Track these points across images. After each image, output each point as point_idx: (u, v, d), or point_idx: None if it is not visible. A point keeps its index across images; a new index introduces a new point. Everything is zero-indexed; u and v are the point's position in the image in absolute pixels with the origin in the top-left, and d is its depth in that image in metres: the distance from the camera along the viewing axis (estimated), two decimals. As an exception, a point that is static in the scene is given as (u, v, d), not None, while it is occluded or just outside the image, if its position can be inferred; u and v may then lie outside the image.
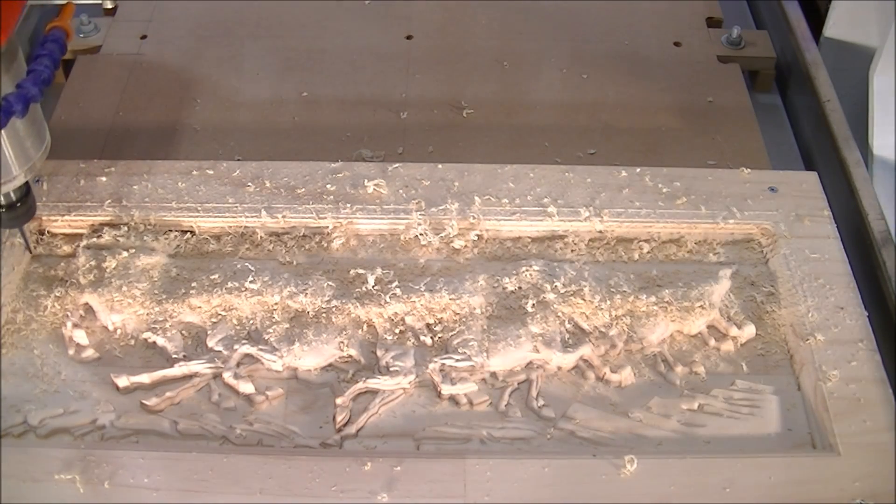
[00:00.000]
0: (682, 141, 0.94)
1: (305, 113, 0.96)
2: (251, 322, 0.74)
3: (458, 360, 0.71)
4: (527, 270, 0.77)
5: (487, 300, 0.75)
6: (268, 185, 0.82)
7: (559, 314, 0.74)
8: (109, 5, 0.73)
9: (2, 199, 0.70)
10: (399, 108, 0.97)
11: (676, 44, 1.05)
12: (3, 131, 0.63)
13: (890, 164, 0.93)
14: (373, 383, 0.70)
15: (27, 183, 0.70)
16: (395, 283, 0.75)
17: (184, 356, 0.72)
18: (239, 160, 0.88)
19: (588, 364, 0.72)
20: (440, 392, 0.70)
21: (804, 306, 0.74)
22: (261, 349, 0.72)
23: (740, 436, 0.68)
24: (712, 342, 0.74)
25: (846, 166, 0.87)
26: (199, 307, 0.74)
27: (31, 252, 0.77)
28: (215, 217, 0.80)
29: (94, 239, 0.79)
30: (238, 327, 0.74)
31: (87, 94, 0.96)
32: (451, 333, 0.73)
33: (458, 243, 0.80)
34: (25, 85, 0.62)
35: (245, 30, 1.07)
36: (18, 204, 0.71)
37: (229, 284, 0.75)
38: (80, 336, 0.73)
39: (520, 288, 0.76)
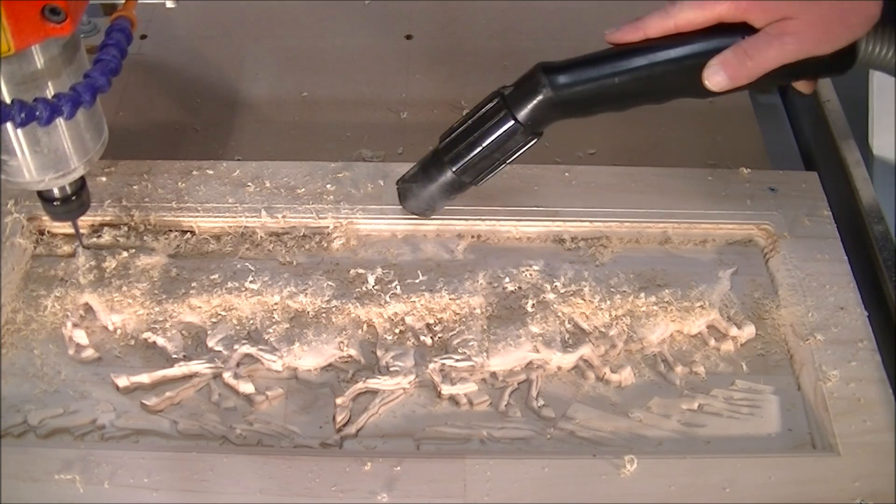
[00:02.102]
0: (682, 141, 0.94)
1: (305, 113, 0.96)
2: (251, 322, 0.74)
3: (458, 360, 0.71)
4: (527, 270, 0.77)
5: (487, 300, 0.75)
6: (268, 185, 0.82)
7: (559, 314, 0.74)
8: (170, 5, 0.73)
9: (56, 191, 0.70)
10: (399, 108, 0.97)
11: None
12: (63, 122, 0.63)
13: (890, 164, 0.93)
14: (373, 383, 0.70)
15: (83, 177, 0.70)
16: (395, 283, 0.75)
17: (184, 356, 0.72)
18: (239, 160, 0.88)
19: (588, 364, 0.72)
20: (440, 392, 0.70)
21: (804, 306, 0.74)
22: (261, 349, 0.72)
23: (740, 436, 0.68)
24: (712, 342, 0.74)
25: (846, 166, 0.87)
26: (199, 307, 0.74)
27: (83, 246, 0.77)
28: (215, 217, 0.80)
29: (94, 239, 0.79)
30: (238, 327, 0.74)
31: (87, 94, 0.96)
32: (451, 333, 0.73)
33: (458, 243, 0.80)
34: (93, 75, 0.61)
35: (245, 30, 1.07)
36: (73, 197, 0.71)
37: (229, 284, 0.75)
38: (80, 336, 0.73)
39: (520, 288, 0.76)
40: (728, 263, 0.79)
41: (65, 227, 0.79)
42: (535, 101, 0.70)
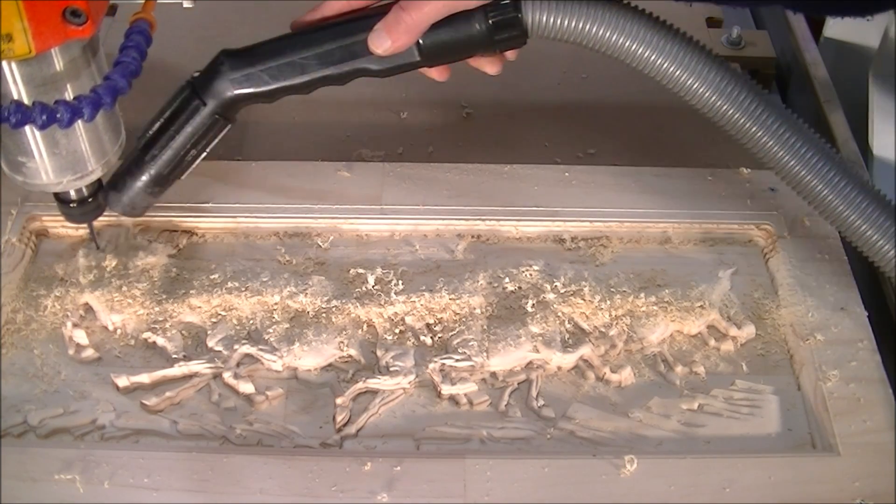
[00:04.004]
0: (682, 141, 0.94)
1: (305, 113, 0.96)
2: (251, 322, 0.74)
3: (458, 360, 0.71)
4: (527, 270, 0.77)
5: (487, 300, 0.75)
6: (268, 185, 0.82)
7: (559, 314, 0.74)
8: (188, 5, 0.73)
9: (73, 193, 0.70)
10: (399, 108, 0.97)
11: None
12: (82, 125, 0.63)
13: (890, 164, 0.93)
14: (373, 383, 0.70)
15: (99, 178, 0.70)
16: (396, 283, 0.75)
17: (184, 356, 0.72)
18: (239, 160, 0.88)
19: (588, 364, 0.72)
20: (440, 392, 0.70)
21: (804, 306, 0.74)
22: (261, 349, 0.72)
23: (740, 436, 0.68)
24: (712, 342, 0.74)
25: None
26: (199, 307, 0.74)
27: (98, 248, 0.77)
28: (215, 217, 0.80)
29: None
30: (238, 327, 0.74)
31: (87, 94, 0.96)
32: (451, 333, 0.73)
33: (458, 243, 0.80)
34: (114, 77, 0.61)
35: (245, 30, 1.07)
36: (90, 199, 0.71)
37: (229, 284, 0.75)
38: (80, 336, 0.73)
39: (520, 288, 0.76)
40: (728, 263, 0.79)
41: (65, 227, 0.79)
42: (215, 82, 0.69)
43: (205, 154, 0.72)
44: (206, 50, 1.03)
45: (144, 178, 0.71)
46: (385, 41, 0.66)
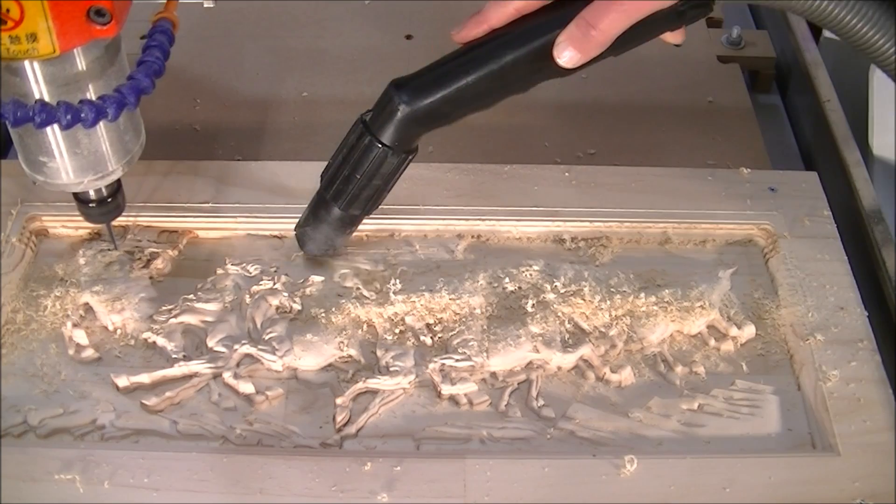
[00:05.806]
0: (682, 141, 0.94)
1: (305, 113, 0.96)
2: (251, 322, 0.74)
3: (458, 360, 0.71)
4: (527, 270, 0.77)
5: (487, 300, 0.75)
6: (268, 185, 0.82)
7: (559, 314, 0.74)
8: (208, 4, 0.73)
9: (92, 193, 0.70)
10: (399, 108, 0.97)
11: (676, 44, 1.05)
12: (104, 124, 0.63)
13: (890, 164, 0.93)
14: (373, 383, 0.70)
15: (119, 179, 0.70)
16: (395, 283, 0.75)
17: (184, 356, 0.72)
18: (239, 160, 0.88)
19: (588, 364, 0.72)
20: (440, 392, 0.70)
21: (804, 306, 0.74)
22: (261, 349, 0.72)
23: (740, 436, 0.68)
24: (712, 342, 0.74)
25: (846, 166, 0.87)
26: (200, 307, 0.74)
27: (115, 248, 0.77)
28: (215, 217, 0.80)
29: (95, 239, 0.79)
30: (238, 327, 0.74)
31: (87, 94, 0.96)
32: (451, 333, 0.73)
33: (458, 243, 0.80)
34: (137, 76, 0.61)
35: (245, 30, 1.07)
36: (109, 199, 0.71)
37: (230, 284, 0.75)
38: (80, 336, 0.73)
39: (520, 288, 0.76)
40: (728, 263, 0.79)
41: (65, 228, 0.79)
42: (394, 121, 0.67)
43: (391, 186, 0.72)
44: (206, 50, 1.04)
45: (333, 219, 0.73)
46: (572, 55, 0.63)
